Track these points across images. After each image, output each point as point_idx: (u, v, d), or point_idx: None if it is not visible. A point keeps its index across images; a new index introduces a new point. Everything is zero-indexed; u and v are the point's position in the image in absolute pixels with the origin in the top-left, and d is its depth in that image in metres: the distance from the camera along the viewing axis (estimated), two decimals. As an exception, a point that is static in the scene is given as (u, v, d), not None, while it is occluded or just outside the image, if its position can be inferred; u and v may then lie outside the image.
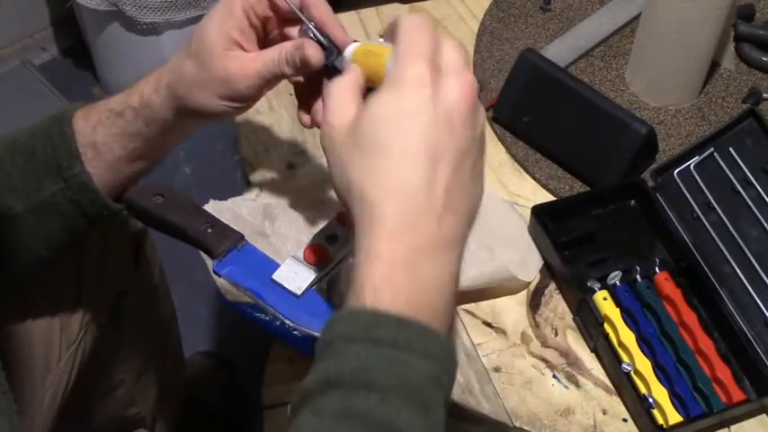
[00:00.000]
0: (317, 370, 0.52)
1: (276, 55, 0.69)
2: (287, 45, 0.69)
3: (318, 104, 0.73)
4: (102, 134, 0.75)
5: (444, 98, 0.55)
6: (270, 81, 0.71)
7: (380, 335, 0.51)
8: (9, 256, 0.78)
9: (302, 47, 0.67)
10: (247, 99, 0.72)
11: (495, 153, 0.97)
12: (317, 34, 0.68)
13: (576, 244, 0.86)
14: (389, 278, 0.52)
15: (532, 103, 0.95)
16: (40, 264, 0.80)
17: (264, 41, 0.73)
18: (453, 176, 0.54)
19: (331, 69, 0.69)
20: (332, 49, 0.68)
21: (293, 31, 0.72)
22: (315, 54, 0.67)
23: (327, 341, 0.53)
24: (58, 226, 0.77)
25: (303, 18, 0.68)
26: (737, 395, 0.77)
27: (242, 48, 0.71)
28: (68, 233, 0.78)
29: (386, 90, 0.55)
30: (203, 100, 0.72)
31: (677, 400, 0.77)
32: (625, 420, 0.79)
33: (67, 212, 0.76)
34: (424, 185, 0.53)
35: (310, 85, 0.73)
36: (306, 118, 0.75)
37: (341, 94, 0.57)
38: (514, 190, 0.94)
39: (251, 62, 0.70)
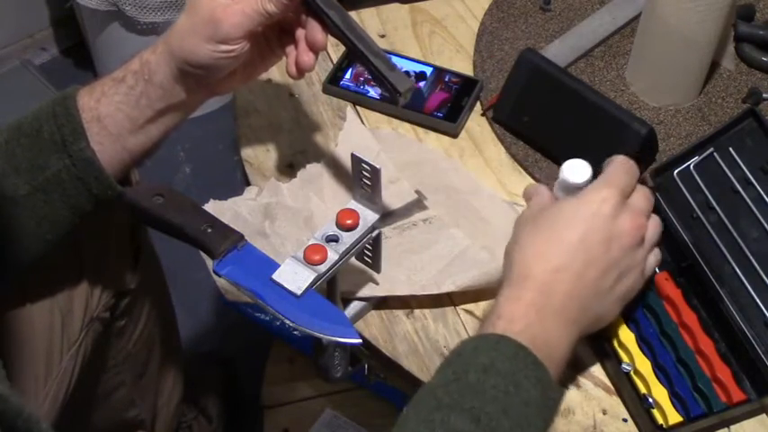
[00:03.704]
0: (439, 377, 0.65)
1: None
2: None
3: (305, 52, 0.78)
4: (105, 105, 0.76)
5: (615, 223, 0.70)
6: (254, 21, 0.74)
7: (504, 352, 0.64)
8: (15, 239, 0.78)
9: None
10: (231, 40, 0.74)
11: (495, 153, 0.97)
12: None
13: (575, 244, 0.86)
14: (524, 315, 0.66)
15: (532, 103, 0.95)
16: (45, 250, 0.80)
17: None
18: (593, 284, 0.69)
19: (310, 4, 0.76)
20: None
21: None
22: None
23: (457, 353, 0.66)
24: (64, 206, 0.77)
25: None
26: (737, 395, 0.77)
27: None
28: (74, 214, 0.78)
29: (576, 197, 0.72)
30: (191, 46, 0.74)
31: (677, 400, 0.77)
32: (625, 420, 0.79)
33: (73, 191, 0.76)
34: (573, 272, 0.68)
35: (292, 38, 0.78)
36: (293, 69, 0.79)
37: (543, 194, 0.75)
38: (514, 190, 0.94)
39: (236, 4, 0.73)
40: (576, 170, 0.81)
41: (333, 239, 0.75)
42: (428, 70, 1.02)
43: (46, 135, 0.75)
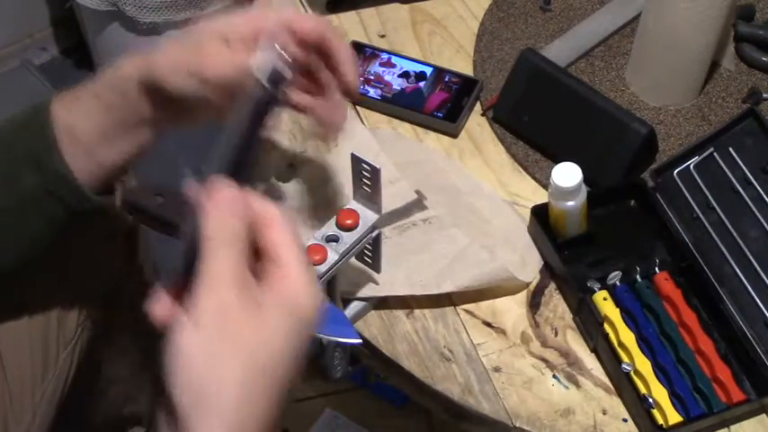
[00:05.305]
0: None
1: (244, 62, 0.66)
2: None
3: (338, 106, 0.73)
4: (76, 113, 0.73)
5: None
6: (239, 75, 0.68)
7: None
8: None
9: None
10: (211, 85, 0.70)
11: (495, 153, 0.97)
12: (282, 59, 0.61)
13: (575, 244, 0.86)
14: None
15: (532, 103, 0.95)
16: (28, 263, 0.79)
17: None
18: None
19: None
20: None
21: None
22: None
23: None
24: (41, 221, 0.76)
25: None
26: (737, 395, 0.77)
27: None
28: (52, 229, 0.76)
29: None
30: (172, 72, 0.70)
31: (677, 400, 0.77)
32: (625, 420, 0.79)
33: (48, 206, 0.75)
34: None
35: None
36: (324, 127, 0.74)
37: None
38: (514, 190, 0.94)
39: (227, 51, 0.69)
40: (565, 174, 0.82)
41: (333, 239, 0.76)
42: (428, 70, 1.02)
43: (19, 149, 0.74)
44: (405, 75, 1.01)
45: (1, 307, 0.86)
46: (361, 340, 0.72)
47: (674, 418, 0.76)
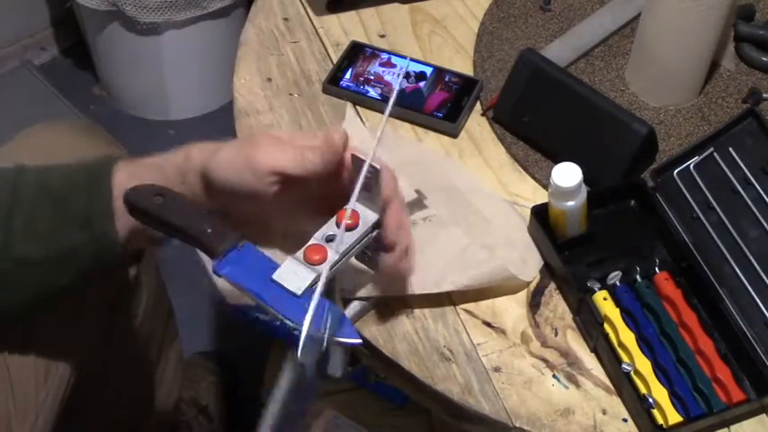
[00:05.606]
0: None
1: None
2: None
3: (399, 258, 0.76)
4: (137, 182, 0.74)
5: None
6: (288, 169, 0.73)
7: None
8: (18, 300, 0.78)
9: None
10: (259, 173, 0.73)
11: (495, 153, 0.97)
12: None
13: (575, 244, 0.86)
14: None
15: (532, 103, 0.95)
16: (49, 306, 0.80)
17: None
18: None
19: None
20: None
21: None
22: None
23: None
24: (72, 273, 0.77)
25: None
26: (737, 395, 0.77)
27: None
28: (77, 278, 0.78)
29: None
30: (231, 175, 0.73)
31: (677, 400, 0.77)
32: (625, 420, 0.79)
33: (86, 263, 0.76)
34: None
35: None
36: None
37: None
38: (514, 190, 0.94)
39: (281, 153, 0.72)
40: (565, 174, 0.82)
41: (333, 239, 0.75)
42: (428, 70, 1.02)
43: (73, 207, 0.74)
44: (405, 75, 1.01)
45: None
46: (361, 340, 0.72)
47: (674, 417, 0.76)
